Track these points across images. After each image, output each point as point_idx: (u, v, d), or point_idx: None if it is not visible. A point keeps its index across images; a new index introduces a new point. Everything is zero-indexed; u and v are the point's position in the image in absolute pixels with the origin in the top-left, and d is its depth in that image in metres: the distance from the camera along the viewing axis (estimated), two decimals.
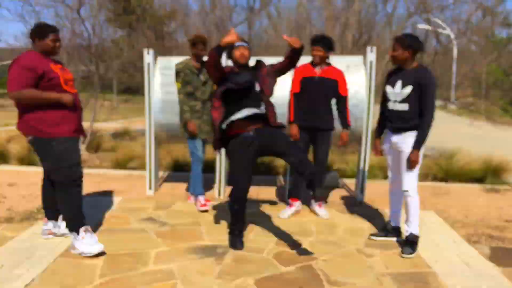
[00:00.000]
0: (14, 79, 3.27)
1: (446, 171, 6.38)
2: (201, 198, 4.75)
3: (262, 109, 3.63)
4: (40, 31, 3.42)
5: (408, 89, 3.48)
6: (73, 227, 3.53)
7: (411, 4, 8.57)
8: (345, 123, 4.44)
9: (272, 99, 3.96)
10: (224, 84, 3.56)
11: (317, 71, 4.35)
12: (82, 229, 3.51)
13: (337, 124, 4.68)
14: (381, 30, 10.28)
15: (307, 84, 4.35)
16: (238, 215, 3.65)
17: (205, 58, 4.74)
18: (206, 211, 4.67)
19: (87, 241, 3.45)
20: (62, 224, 3.78)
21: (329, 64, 4.41)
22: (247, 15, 12.59)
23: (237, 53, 3.67)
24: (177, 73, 4.61)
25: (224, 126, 3.58)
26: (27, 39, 11.30)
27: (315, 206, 4.64)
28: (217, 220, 4.37)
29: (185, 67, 4.62)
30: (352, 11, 8.69)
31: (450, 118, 10.26)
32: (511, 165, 6.56)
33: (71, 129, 3.50)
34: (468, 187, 6.06)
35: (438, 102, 9.50)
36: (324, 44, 4.27)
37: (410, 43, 3.46)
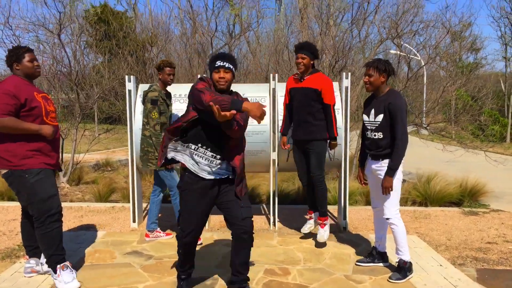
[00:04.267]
0: None
1: (424, 196, 6.53)
2: None
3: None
4: (15, 54, 3.34)
5: (380, 117, 3.56)
6: (51, 265, 3.42)
7: (383, 30, 8.90)
8: (330, 132, 4.29)
9: None
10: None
11: (300, 81, 4.31)
12: (58, 267, 3.39)
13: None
14: (355, 56, 10.62)
15: (293, 95, 4.36)
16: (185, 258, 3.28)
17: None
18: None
19: (63, 279, 3.34)
20: (45, 261, 3.60)
21: (317, 71, 4.30)
22: (227, 40, 12.80)
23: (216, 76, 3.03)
24: (154, 102, 4.15)
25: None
26: (6, 66, 11.08)
27: (318, 226, 4.50)
28: (203, 251, 4.33)
29: (159, 94, 4.27)
30: (328, 36, 8.96)
31: (423, 143, 10.61)
32: (486, 188, 6.79)
33: (45, 162, 3.37)
34: (448, 210, 6.21)
35: (410, 128, 9.76)
36: (308, 50, 4.19)
37: (386, 67, 3.53)
